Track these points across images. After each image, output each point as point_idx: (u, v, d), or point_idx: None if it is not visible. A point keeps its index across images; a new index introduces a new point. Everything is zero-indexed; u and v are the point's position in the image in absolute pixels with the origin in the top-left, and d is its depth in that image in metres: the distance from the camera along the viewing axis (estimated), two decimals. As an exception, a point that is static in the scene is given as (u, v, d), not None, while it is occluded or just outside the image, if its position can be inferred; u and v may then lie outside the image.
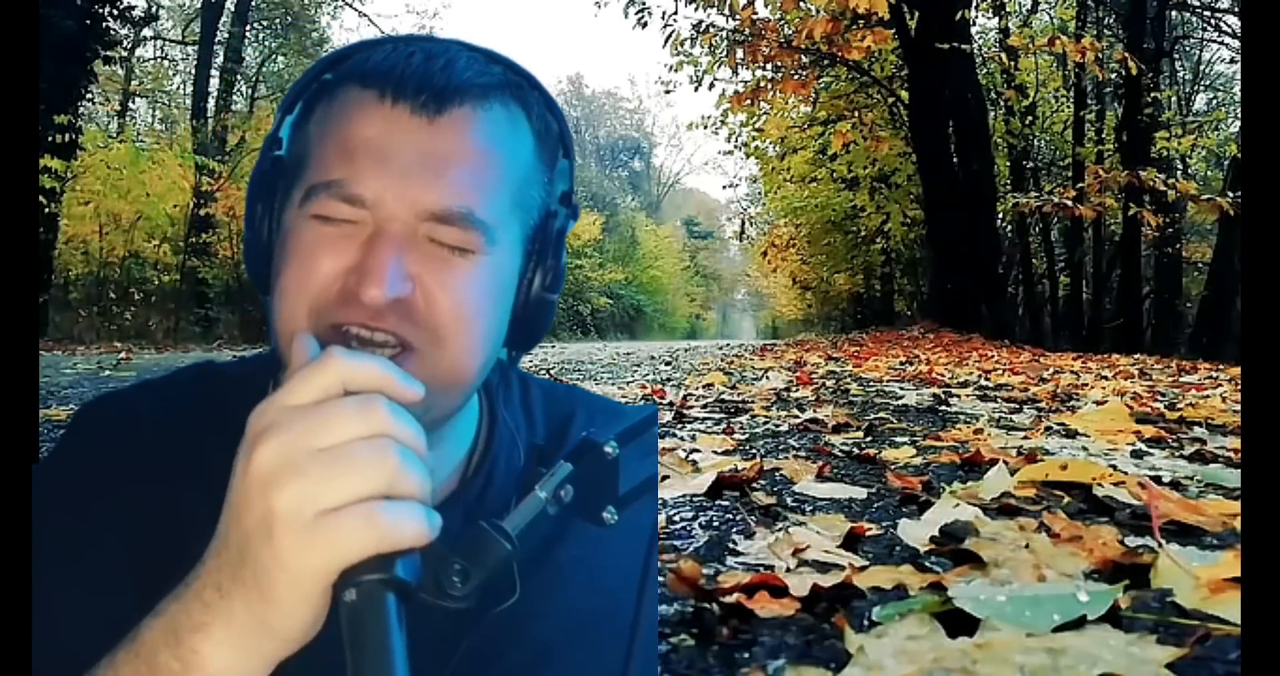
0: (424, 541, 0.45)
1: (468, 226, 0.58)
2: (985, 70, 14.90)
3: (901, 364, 6.35)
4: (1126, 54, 11.70)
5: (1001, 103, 15.56)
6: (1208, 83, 21.51)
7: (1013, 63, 14.06)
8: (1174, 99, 18.02)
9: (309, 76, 0.64)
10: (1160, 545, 0.98)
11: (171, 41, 23.79)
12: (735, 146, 17.68)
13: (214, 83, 20.51)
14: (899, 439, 2.27)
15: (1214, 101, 21.33)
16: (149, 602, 0.56)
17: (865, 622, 0.79)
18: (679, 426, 2.53)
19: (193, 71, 21.29)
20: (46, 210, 12.65)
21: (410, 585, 0.45)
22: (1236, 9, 13.98)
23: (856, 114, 15.43)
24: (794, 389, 4.04)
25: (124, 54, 17.64)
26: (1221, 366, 6.82)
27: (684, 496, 1.45)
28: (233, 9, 21.11)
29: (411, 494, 0.46)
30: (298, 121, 0.64)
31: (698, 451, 1.92)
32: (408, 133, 0.58)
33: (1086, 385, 4.35)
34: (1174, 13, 16.01)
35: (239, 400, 0.66)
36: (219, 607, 0.45)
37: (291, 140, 0.64)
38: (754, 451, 2.03)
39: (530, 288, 0.64)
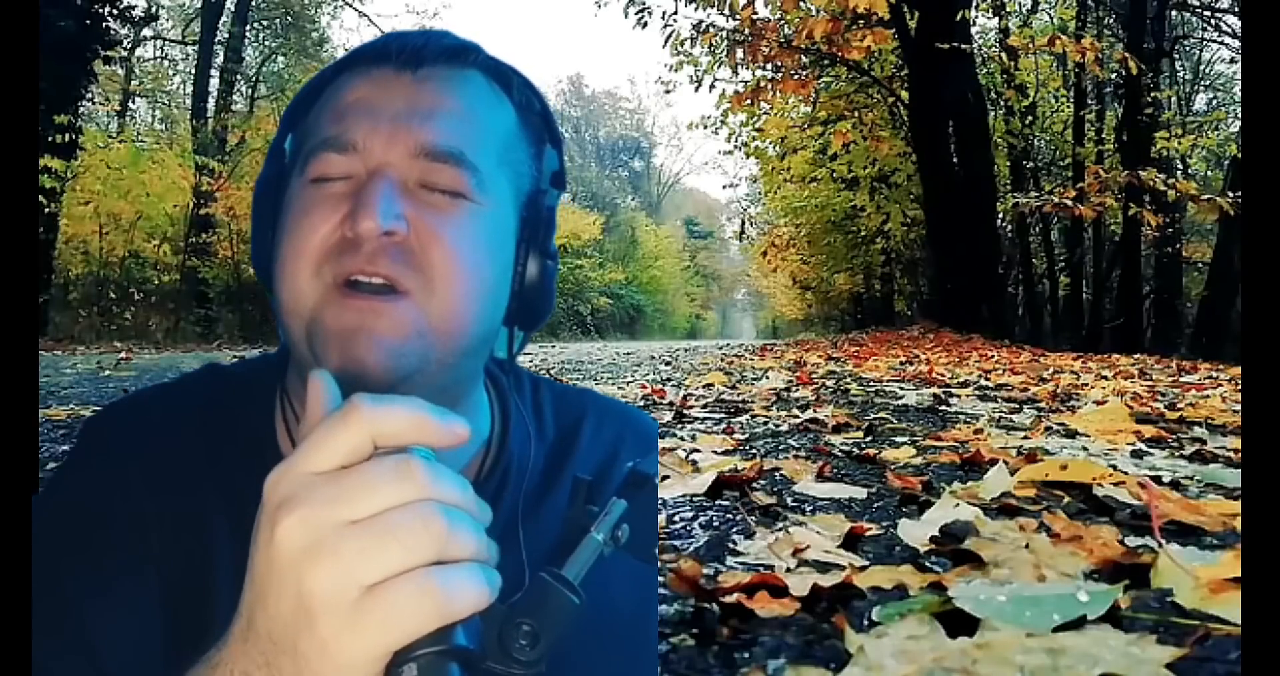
0: (485, 605, 0.41)
1: (459, 166, 0.59)
2: (985, 70, 14.88)
3: (901, 364, 6.34)
4: (1126, 54, 11.70)
5: (1001, 103, 15.55)
6: (1208, 83, 21.50)
7: (1013, 63, 14.06)
8: (1174, 99, 18.01)
9: (310, 85, 0.65)
10: (1160, 545, 0.98)
11: (171, 41, 23.75)
12: (735, 146, 17.67)
13: (214, 83, 20.51)
14: (899, 439, 2.27)
15: (1214, 101, 21.31)
16: (169, 615, 0.56)
17: (865, 622, 0.79)
18: (679, 426, 2.53)
19: (193, 71, 21.28)
20: (46, 210, 12.64)
21: (474, 652, 0.41)
22: (1236, 9, 13.97)
23: (856, 114, 15.43)
24: (794, 389, 4.04)
25: (124, 54, 17.64)
26: (1221, 366, 6.82)
27: (684, 496, 1.45)
28: (233, 9, 21.09)
29: (465, 556, 0.41)
30: (298, 123, 0.65)
31: (698, 451, 1.92)
32: (393, 88, 0.60)
33: (1086, 385, 4.35)
34: (1174, 13, 16.00)
35: (248, 402, 0.66)
36: None
37: (294, 141, 0.65)
38: (754, 451, 2.03)
39: (527, 255, 0.64)
